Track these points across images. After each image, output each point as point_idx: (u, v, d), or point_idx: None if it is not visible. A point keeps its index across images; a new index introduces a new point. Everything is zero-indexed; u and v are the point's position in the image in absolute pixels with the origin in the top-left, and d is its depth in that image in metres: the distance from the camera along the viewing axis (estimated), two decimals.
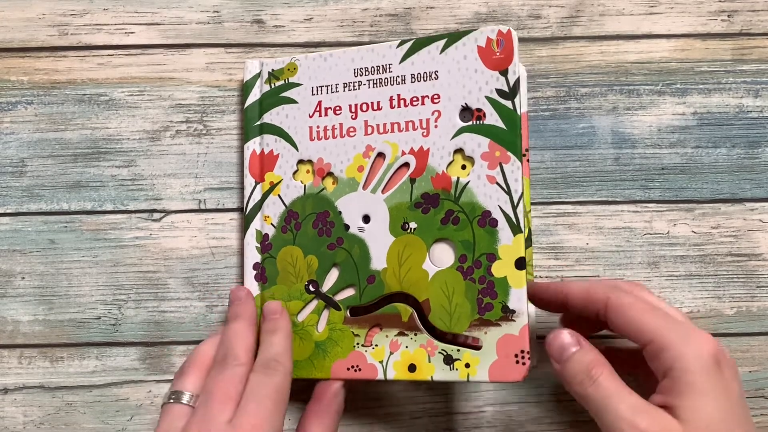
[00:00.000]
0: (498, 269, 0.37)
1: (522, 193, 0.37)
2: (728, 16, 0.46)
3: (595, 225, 0.45)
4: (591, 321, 0.36)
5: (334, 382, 0.39)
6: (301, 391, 0.41)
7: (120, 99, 0.46)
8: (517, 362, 0.36)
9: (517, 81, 0.38)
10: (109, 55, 0.46)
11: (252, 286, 0.42)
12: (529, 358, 0.36)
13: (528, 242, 0.41)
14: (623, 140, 0.45)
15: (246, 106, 0.44)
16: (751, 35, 0.46)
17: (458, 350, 0.38)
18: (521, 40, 0.46)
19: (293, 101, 0.42)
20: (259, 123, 0.43)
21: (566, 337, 0.35)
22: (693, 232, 0.45)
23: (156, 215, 0.45)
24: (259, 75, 0.44)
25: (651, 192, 0.45)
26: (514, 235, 0.37)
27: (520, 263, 0.37)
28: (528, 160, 0.42)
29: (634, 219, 0.45)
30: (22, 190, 0.45)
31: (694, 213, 0.45)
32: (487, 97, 0.38)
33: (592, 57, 0.46)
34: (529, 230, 0.42)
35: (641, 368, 0.35)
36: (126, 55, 0.46)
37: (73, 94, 0.46)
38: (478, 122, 0.38)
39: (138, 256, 0.45)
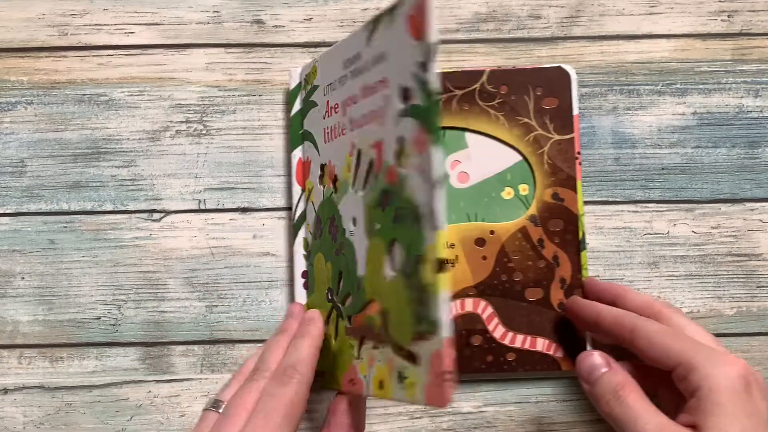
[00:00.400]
0: (426, 273, 0.31)
1: (439, 183, 0.31)
2: (728, 16, 0.46)
3: (595, 225, 0.45)
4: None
5: (341, 400, 0.39)
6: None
7: (120, 99, 0.46)
8: (445, 381, 0.30)
9: (431, 51, 0.30)
10: (109, 55, 0.46)
11: (301, 294, 0.43)
12: (452, 378, 0.30)
13: (582, 245, 0.42)
14: (623, 140, 0.45)
15: (292, 114, 0.44)
16: (751, 35, 0.46)
17: (407, 367, 0.33)
18: (521, 40, 0.46)
19: (315, 104, 0.42)
20: (301, 131, 0.43)
21: (596, 358, 0.36)
22: (693, 232, 0.45)
23: (156, 215, 0.45)
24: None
25: (651, 192, 0.45)
26: (435, 233, 0.30)
27: (441, 266, 0.30)
28: (580, 163, 0.43)
29: (634, 219, 0.45)
30: (22, 190, 0.45)
31: (694, 213, 0.45)
32: (412, 73, 0.32)
33: (592, 57, 0.46)
34: (583, 233, 0.42)
35: (667, 388, 0.36)
36: (126, 55, 0.46)
37: (73, 94, 0.46)
38: (407, 104, 0.33)
39: (138, 257, 0.45)
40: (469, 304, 0.42)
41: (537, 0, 0.46)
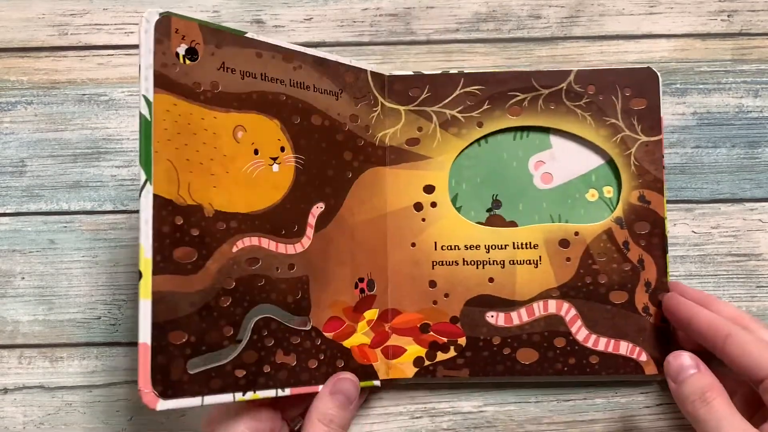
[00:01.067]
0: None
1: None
2: (728, 16, 0.46)
3: None
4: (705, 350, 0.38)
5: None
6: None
7: (120, 99, 0.46)
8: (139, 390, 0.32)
9: None
10: (109, 55, 0.46)
11: None
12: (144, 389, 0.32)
13: (666, 248, 0.42)
14: None
15: None
16: (751, 35, 0.46)
17: None
18: (521, 40, 0.46)
19: None
20: None
21: (686, 359, 0.36)
22: (693, 232, 0.45)
23: None
24: None
25: None
26: None
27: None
28: (664, 166, 0.43)
29: None
30: (22, 190, 0.45)
31: (693, 213, 0.45)
32: None
33: (592, 57, 0.46)
34: (666, 236, 0.42)
35: (741, 400, 0.37)
36: (126, 55, 0.46)
37: (73, 94, 0.46)
38: None
39: (138, 257, 0.45)
40: (552, 305, 0.42)
41: (537, 0, 0.46)
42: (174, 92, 0.34)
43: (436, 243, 0.42)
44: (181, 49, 0.35)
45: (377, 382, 0.41)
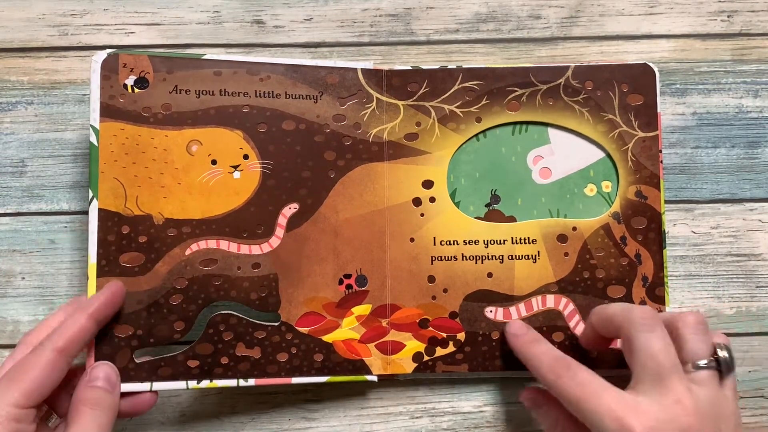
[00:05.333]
0: None
1: None
2: (728, 16, 0.46)
3: None
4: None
5: None
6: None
7: None
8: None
9: None
10: None
11: None
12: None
13: (663, 243, 0.42)
14: None
15: None
16: (750, 35, 0.46)
17: None
18: (521, 40, 0.46)
19: None
20: None
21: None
22: (692, 232, 0.45)
23: None
24: None
25: None
26: None
27: None
28: (661, 162, 0.42)
29: None
30: (22, 190, 0.45)
31: (693, 213, 0.45)
32: None
33: (592, 57, 0.46)
34: (664, 232, 0.42)
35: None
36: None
37: (73, 94, 0.46)
38: None
39: None
40: (551, 300, 0.42)
41: (537, 0, 0.46)
42: (120, 119, 0.40)
43: (434, 238, 0.42)
44: (130, 80, 0.40)
45: (371, 377, 0.41)
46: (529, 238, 0.42)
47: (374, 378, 0.41)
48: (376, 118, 0.43)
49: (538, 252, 0.42)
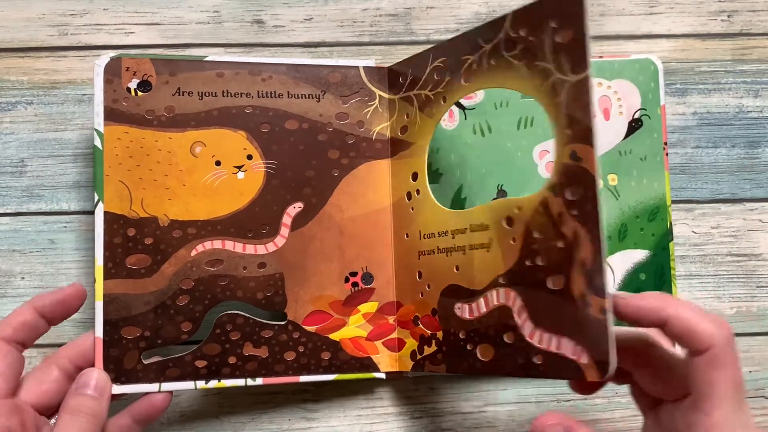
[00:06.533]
0: None
1: None
2: (728, 16, 0.46)
3: None
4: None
5: None
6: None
7: None
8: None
9: None
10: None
11: None
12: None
13: (669, 235, 0.41)
14: None
15: None
16: (751, 35, 0.46)
17: None
18: None
19: None
20: None
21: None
22: (693, 232, 0.45)
23: None
24: None
25: None
26: None
27: None
28: (667, 154, 0.42)
29: None
30: (22, 190, 0.45)
31: (693, 213, 0.45)
32: None
33: (592, 57, 0.46)
34: (670, 224, 0.42)
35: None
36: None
37: (73, 94, 0.46)
38: None
39: None
40: (502, 295, 0.35)
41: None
42: (124, 122, 0.40)
43: (420, 232, 0.40)
44: (133, 84, 0.40)
45: (380, 375, 0.41)
46: (482, 224, 0.36)
47: (382, 375, 0.41)
48: (378, 115, 0.43)
49: (490, 239, 0.36)
